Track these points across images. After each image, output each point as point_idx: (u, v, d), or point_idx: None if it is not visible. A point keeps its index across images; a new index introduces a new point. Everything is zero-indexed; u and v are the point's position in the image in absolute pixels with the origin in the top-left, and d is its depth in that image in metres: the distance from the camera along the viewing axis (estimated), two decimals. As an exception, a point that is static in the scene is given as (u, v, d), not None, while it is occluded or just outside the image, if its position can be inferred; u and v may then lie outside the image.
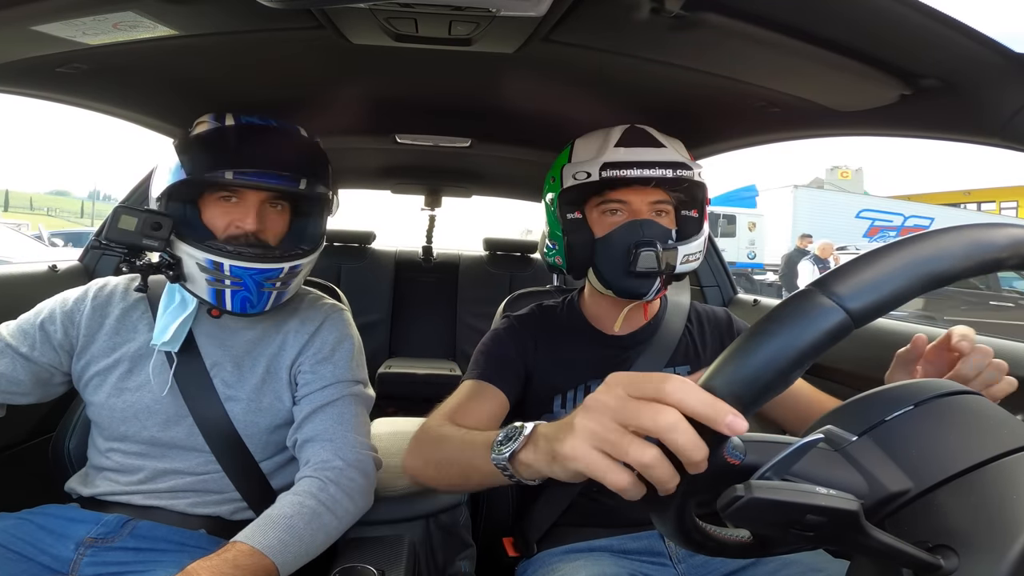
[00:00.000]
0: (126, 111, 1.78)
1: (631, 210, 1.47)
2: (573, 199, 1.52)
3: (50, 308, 1.49)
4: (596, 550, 1.39)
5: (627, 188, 1.46)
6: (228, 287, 1.38)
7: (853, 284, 0.60)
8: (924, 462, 0.65)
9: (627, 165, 1.41)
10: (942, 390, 0.71)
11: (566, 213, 1.52)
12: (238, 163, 1.39)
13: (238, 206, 1.43)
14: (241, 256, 1.37)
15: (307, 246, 1.49)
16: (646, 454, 0.65)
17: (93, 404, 1.46)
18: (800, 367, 0.60)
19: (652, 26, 1.12)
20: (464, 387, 1.47)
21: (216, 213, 1.43)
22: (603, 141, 1.50)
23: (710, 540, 0.75)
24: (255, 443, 1.46)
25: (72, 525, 1.36)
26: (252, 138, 1.45)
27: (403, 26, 1.20)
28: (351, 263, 4.05)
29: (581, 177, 1.46)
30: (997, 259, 0.63)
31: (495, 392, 1.45)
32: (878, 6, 0.95)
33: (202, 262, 1.37)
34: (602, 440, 0.70)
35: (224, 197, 1.43)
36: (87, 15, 1.11)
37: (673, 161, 1.42)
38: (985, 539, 0.57)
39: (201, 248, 1.37)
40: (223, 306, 1.40)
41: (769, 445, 0.65)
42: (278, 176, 1.43)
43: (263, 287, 1.40)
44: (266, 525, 1.23)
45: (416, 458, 1.27)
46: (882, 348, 1.11)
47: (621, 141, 1.48)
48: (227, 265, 1.36)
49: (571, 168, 1.49)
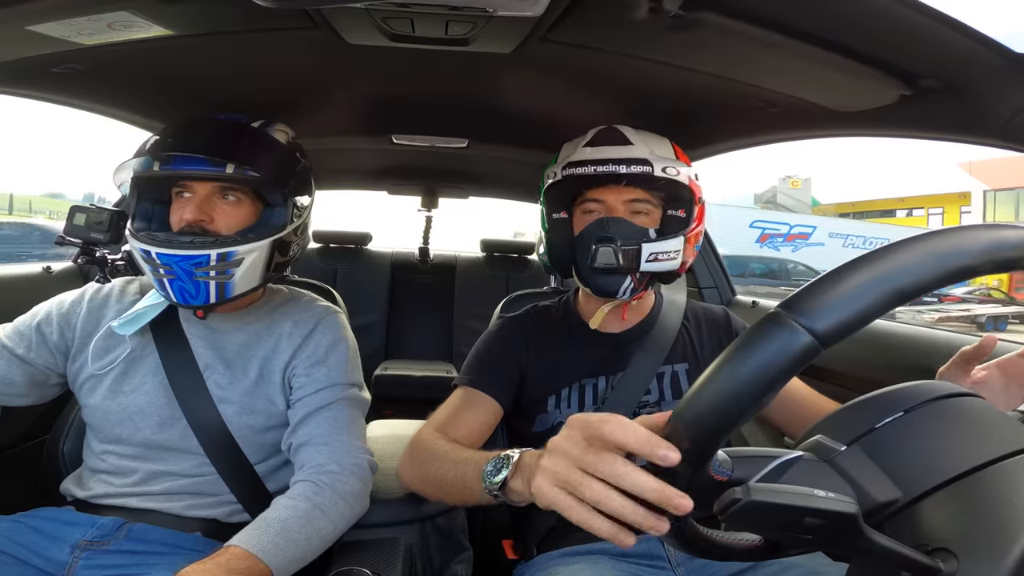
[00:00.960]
0: (121, 111, 1.78)
1: (606, 208, 1.49)
2: (558, 199, 1.57)
3: (46, 310, 1.49)
4: (595, 553, 1.38)
5: (602, 187, 1.48)
6: (164, 276, 1.37)
7: (818, 305, 0.58)
8: (914, 470, 0.65)
9: (584, 163, 1.45)
10: (933, 394, 0.71)
11: (552, 213, 1.57)
12: (162, 154, 1.39)
13: (189, 200, 1.42)
14: (167, 244, 1.36)
15: (253, 235, 1.45)
16: (610, 499, 0.70)
17: (88, 406, 1.45)
18: (772, 391, 0.60)
19: (650, 26, 1.11)
20: (456, 395, 1.49)
21: (175, 208, 1.44)
22: (579, 142, 1.53)
23: (715, 546, 0.75)
24: (249, 445, 1.45)
25: (67, 528, 1.35)
26: (186, 131, 1.44)
27: (399, 26, 1.20)
28: (347, 264, 4.05)
29: (551, 177, 1.52)
30: (968, 266, 0.61)
31: (486, 400, 1.48)
32: (877, 5, 0.95)
33: (139, 251, 1.38)
34: (564, 481, 0.76)
35: (178, 192, 1.44)
36: (82, 15, 1.11)
37: (631, 158, 1.44)
38: (984, 542, 0.57)
39: (136, 238, 1.38)
40: (170, 298, 1.39)
41: (755, 460, 0.65)
42: (204, 161, 1.39)
43: (194, 276, 1.37)
44: (261, 529, 1.22)
45: (412, 472, 1.33)
46: (881, 350, 1.10)
47: (590, 141, 1.51)
48: (154, 252, 1.35)
49: (549, 170, 1.54)
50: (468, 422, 1.43)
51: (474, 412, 1.46)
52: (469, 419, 1.43)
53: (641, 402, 1.50)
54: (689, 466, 0.65)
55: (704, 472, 0.65)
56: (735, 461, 0.66)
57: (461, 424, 1.41)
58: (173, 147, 1.40)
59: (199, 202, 1.41)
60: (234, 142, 1.43)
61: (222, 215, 1.43)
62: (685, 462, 0.64)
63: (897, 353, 1.65)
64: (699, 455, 0.64)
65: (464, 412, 1.45)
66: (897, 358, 1.64)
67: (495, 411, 1.48)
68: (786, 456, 0.64)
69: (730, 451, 0.67)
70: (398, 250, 4.29)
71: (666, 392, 1.53)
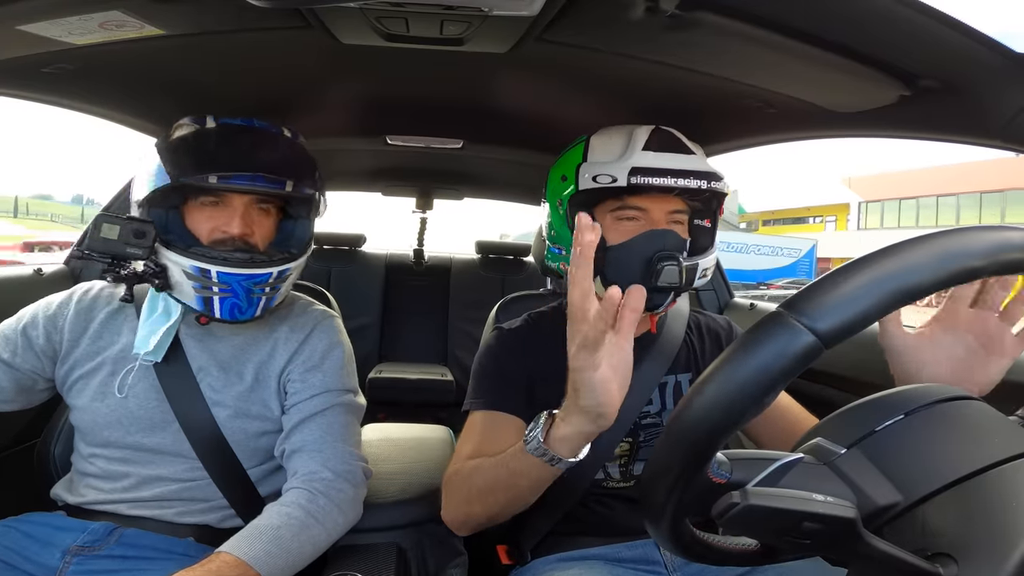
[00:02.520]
0: (112, 112, 1.77)
1: (650, 219, 1.38)
2: (587, 201, 1.41)
3: (32, 313, 1.47)
4: (591, 558, 1.37)
5: (649, 195, 1.38)
6: (216, 294, 1.35)
7: (821, 304, 0.58)
8: (914, 474, 0.65)
9: (659, 172, 1.32)
10: (934, 397, 0.71)
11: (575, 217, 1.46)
12: (222, 166, 1.35)
13: (223, 210, 1.40)
14: (228, 262, 1.34)
15: (295, 249, 1.46)
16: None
17: (76, 408, 1.43)
18: (772, 392, 0.59)
19: (647, 26, 1.11)
20: (477, 421, 1.41)
21: (200, 218, 1.40)
22: (627, 142, 1.40)
23: (712, 550, 0.75)
24: (242, 449, 1.43)
25: (58, 533, 1.34)
26: (235, 140, 1.41)
27: (394, 26, 1.19)
28: (341, 266, 4.02)
29: (604, 180, 1.35)
30: (973, 268, 0.60)
31: (511, 420, 1.39)
32: (876, 5, 0.94)
33: (188, 269, 1.33)
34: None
35: (208, 202, 1.40)
36: (73, 14, 1.10)
37: (706, 171, 1.34)
38: (984, 547, 0.57)
39: (187, 255, 1.33)
40: (211, 313, 1.36)
41: (755, 462, 0.65)
42: (264, 179, 1.38)
43: (252, 293, 1.37)
44: (252, 536, 1.21)
45: (455, 505, 1.28)
46: (879, 352, 1.09)
47: (649, 144, 1.38)
48: (215, 272, 1.33)
49: (589, 168, 1.39)
50: (501, 446, 1.27)
51: (504, 434, 1.33)
52: (502, 443, 1.28)
53: (642, 412, 1.46)
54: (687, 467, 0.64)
55: (702, 474, 0.64)
56: (734, 463, 0.66)
57: (493, 448, 1.29)
58: (235, 163, 1.36)
59: (242, 215, 1.40)
60: (289, 158, 1.44)
61: (259, 227, 1.43)
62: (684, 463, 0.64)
63: None
64: (698, 456, 0.63)
65: (494, 436, 1.35)
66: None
67: (521, 429, 1.31)
68: (786, 458, 0.64)
69: (729, 453, 0.67)
70: (392, 252, 4.27)
71: (668, 402, 1.48)
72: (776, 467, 0.63)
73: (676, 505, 0.67)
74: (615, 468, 1.45)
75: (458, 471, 1.28)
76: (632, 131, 1.41)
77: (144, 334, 1.40)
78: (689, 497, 0.66)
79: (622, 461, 1.45)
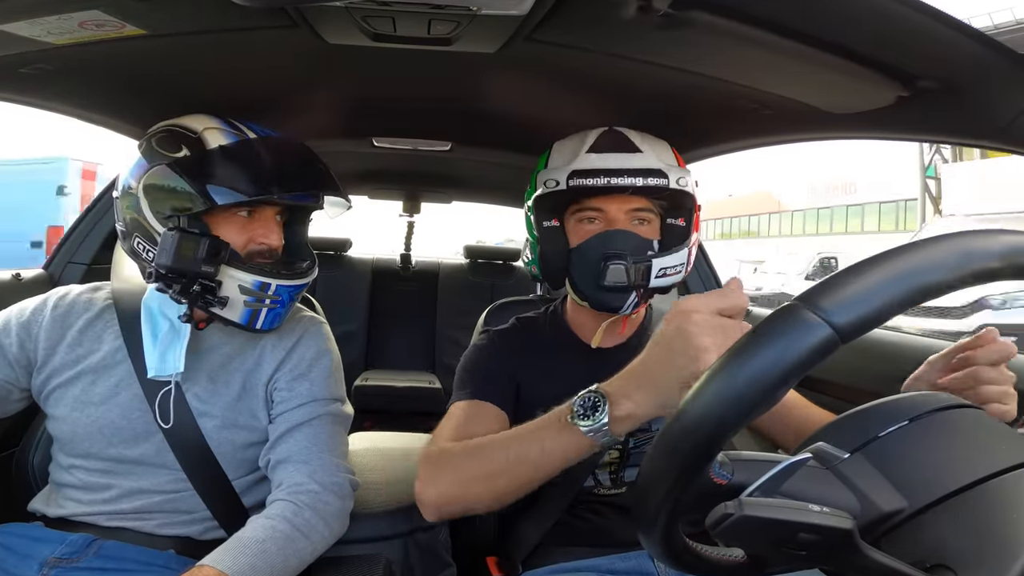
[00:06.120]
0: (91, 113, 1.75)
1: (607, 219, 1.41)
2: (549, 206, 1.46)
3: (5, 319, 1.43)
4: (583, 570, 1.35)
5: (604, 196, 1.40)
6: (267, 306, 1.36)
7: (839, 298, 0.57)
8: (919, 480, 0.65)
9: (595, 173, 1.36)
10: (938, 404, 0.71)
11: (542, 221, 1.47)
12: (286, 184, 1.39)
13: (256, 221, 1.40)
14: (280, 275, 1.38)
15: (307, 255, 1.52)
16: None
17: (54, 418, 1.40)
18: (785, 385, 0.58)
19: (639, 25, 1.10)
20: (459, 409, 1.38)
21: (231, 230, 1.37)
22: (577, 146, 1.44)
23: (702, 561, 0.74)
24: (228, 461, 1.41)
25: (36, 545, 1.31)
26: (291, 155, 1.46)
27: (380, 25, 1.18)
28: (326, 271, 3.97)
29: (551, 185, 1.41)
30: (991, 269, 0.60)
31: (494, 410, 1.37)
32: (873, 4, 0.94)
33: (248, 284, 1.33)
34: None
35: (242, 212, 1.39)
36: (52, 14, 1.09)
37: (647, 168, 1.37)
38: (984, 559, 0.57)
39: (245, 270, 1.34)
40: (254, 326, 1.37)
41: (757, 464, 0.64)
42: (309, 195, 1.47)
43: (293, 301, 1.42)
44: (236, 549, 1.18)
45: (447, 484, 1.17)
46: (878, 360, 1.08)
47: (594, 146, 1.42)
48: (275, 285, 1.36)
49: (544, 175, 1.44)
50: (481, 433, 1.24)
51: (485, 422, 1.33)
52: (481, 430, 1.26)
53: None
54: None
55: (704, 474, 0.63)
56: (736, 464, 0.65)
57: (474, 435, 1.24)
58: (295, 181, 1.41)
59: (275, 226, 1.43)
60: (320, 171, 1.47)
61: (278, 237, 1.44)
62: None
63: (896, 364, 1.63)
64: (702, 452, 0.62)
65: (474, 423, 1.32)
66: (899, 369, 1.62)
67: (503, 422, 1.36)
68: (789, 460, 0.62)
69: (732, 454, 0.66)
70: (379, 257, 4.25)
71: None
72: (779, 470, 0.61)
73: (673, 505, 0.66)
74: (605, 475, 1.44)
75: (448, 449, 1.22)
76: (585, 135, 1.46)
77: (159, 354, 1.37)
78: (688, 498, 0.65)
79: (612, 468, 1.44)
